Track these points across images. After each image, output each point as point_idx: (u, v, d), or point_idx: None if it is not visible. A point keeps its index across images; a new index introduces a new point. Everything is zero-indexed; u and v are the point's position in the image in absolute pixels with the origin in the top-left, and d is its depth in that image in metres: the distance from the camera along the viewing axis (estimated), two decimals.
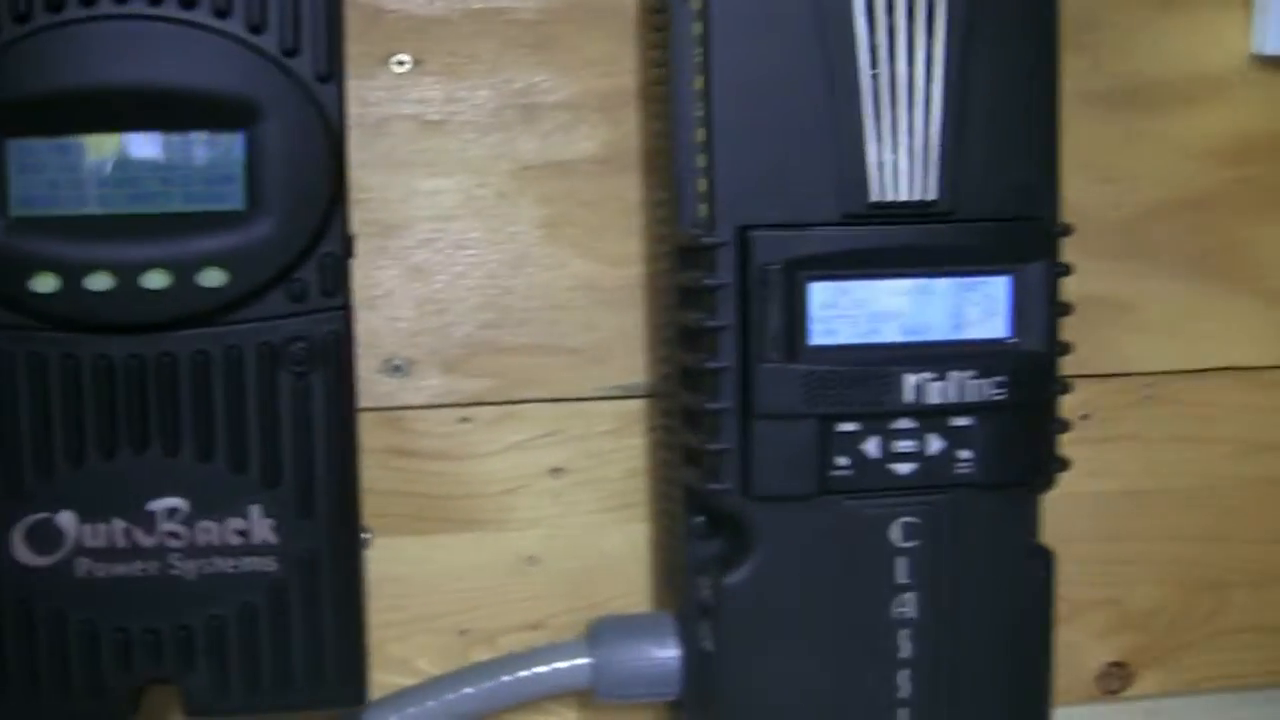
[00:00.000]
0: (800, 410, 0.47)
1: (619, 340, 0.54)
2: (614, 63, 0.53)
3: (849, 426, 0.48)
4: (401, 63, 0.53)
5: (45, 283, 0.45)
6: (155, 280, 0.45)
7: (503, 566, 0.55)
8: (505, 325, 0.53)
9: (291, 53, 0.45)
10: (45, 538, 0.46)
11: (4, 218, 0.45)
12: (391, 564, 0.52)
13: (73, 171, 0.45)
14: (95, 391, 0.46)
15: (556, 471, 0.55)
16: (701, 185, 0.48)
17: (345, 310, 0.46)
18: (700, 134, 0.48)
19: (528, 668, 0.52)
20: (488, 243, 0.53)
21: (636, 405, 0.54)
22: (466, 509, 0.54)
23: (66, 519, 0.46)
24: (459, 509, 0.54)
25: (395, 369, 0.53)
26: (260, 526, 0.47)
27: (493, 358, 0.53)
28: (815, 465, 0.48)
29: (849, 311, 0.48)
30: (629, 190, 0.53)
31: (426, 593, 0.55)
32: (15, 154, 0.45)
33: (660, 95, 0.50)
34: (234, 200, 0.46)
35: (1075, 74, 0.49)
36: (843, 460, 0.48)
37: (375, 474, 0.47)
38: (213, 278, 0.45)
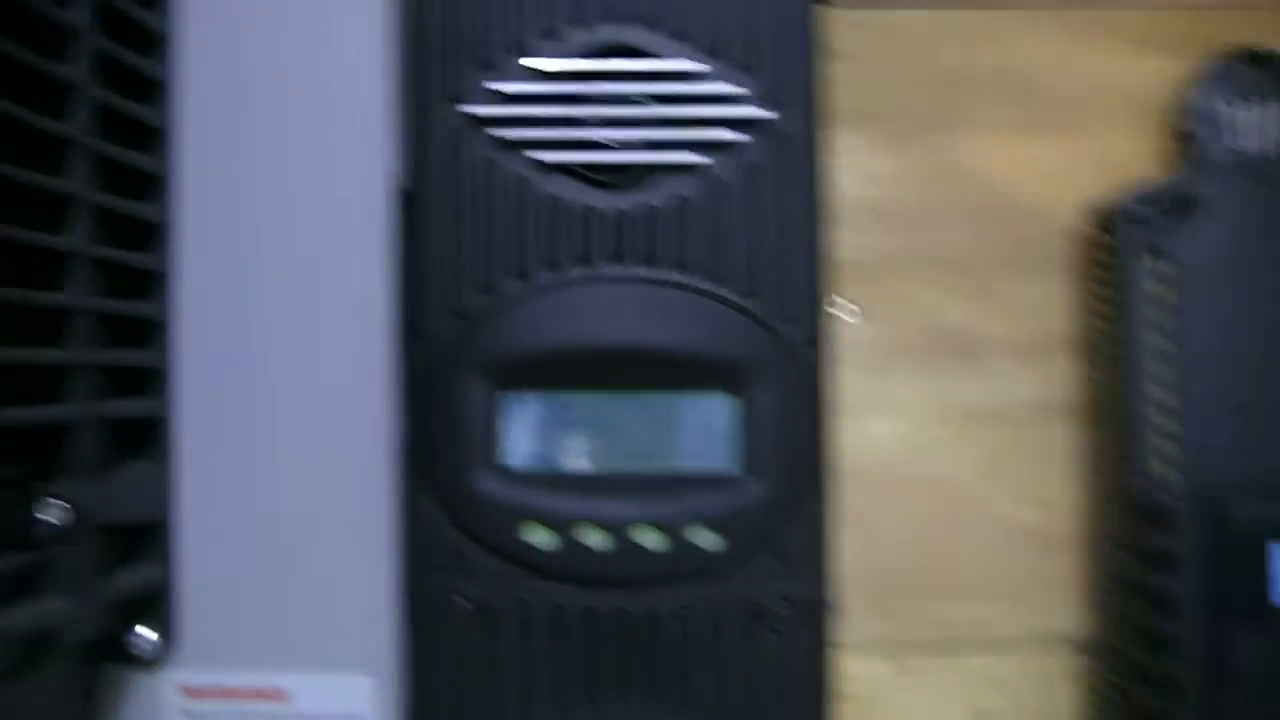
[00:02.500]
0: (1273, 673, 0.47)
1: (1056, 586, 0.54)
2: (1052, 310, 0.53)
3: None
4: (844, 308, 0.54)
5: (538, 536, 0.46)
6: (649, 539, 0.46)
7: None
8: (942, 571, 0.53)
9: (783, 317, 0.46)
10: None
11: (498, 470, 0.46)
12: None
13: (566, 428, 0.46)
14: (581, 645, 0.46)
15: (984, 717, 0.55)
16: (1165, 446, 0.48)
17: (828, 571, 0.47)
18: (1156, 391, 0.48)
19: None
20: (925, 488, 0.53)
21: (1071, 652, 0.54)
22: None
23: None
24: None
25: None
26: None
27: (929, 603, 0.53)
28: None
29: None
30: (1063, 437, 0.53)
31: None
32: (510, 408, 0.46)
33: (1103, 346, 0.51)
34: (726, 462, 0.46)
35: None
36: None
37: None
38: (705, 539, 0.46)
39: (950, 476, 0.54)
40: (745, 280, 0.46)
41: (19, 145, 0.38)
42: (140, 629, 0.47)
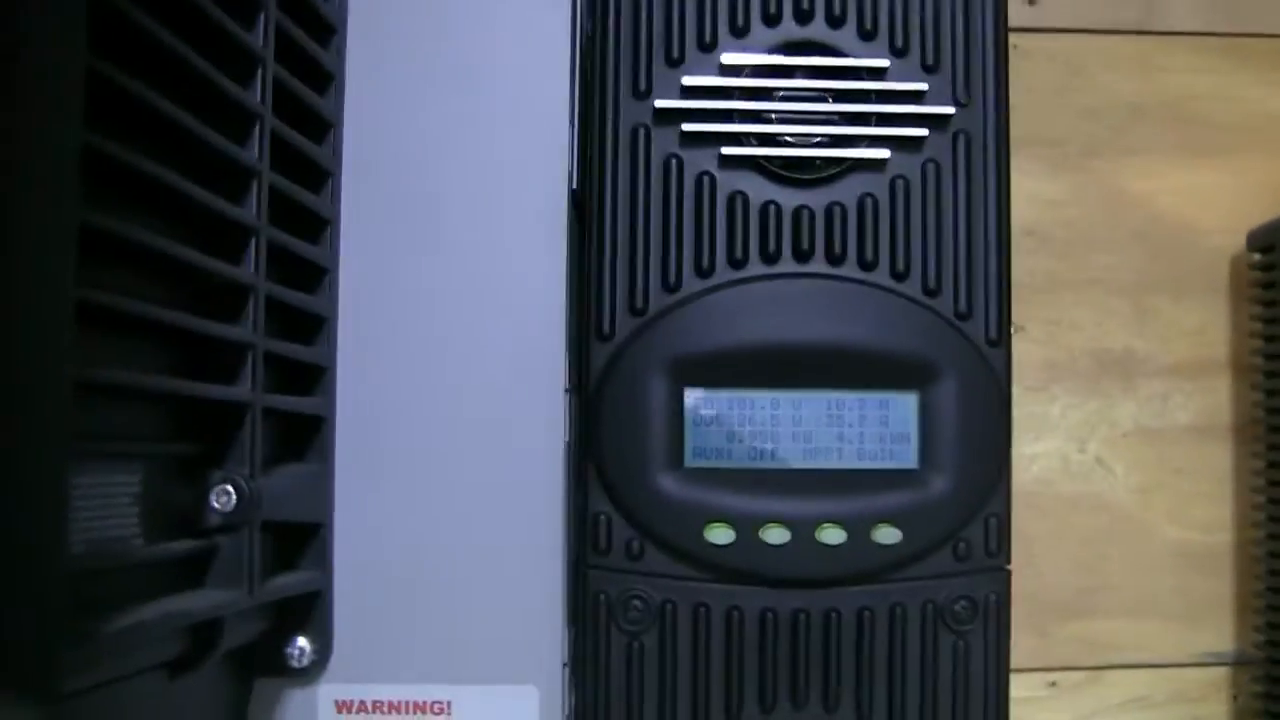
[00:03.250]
0: None
1: (1210, 607, 0.53)
2: (1207, 333, 0.54)
3: None
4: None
5: (720, 534, 0.45)
6: (831, 536, 0.45)
7: None
8: (1097, 590, 0.53)
9: (964, 316, 0.46)
10: None
11: (680, 468, 0.45)
12: None
13: (749, 425, 0.46)
14: (758, 646, 0.45)
15: None
16: None
17: (1006, 571, 0.46)
18: None
19: None
20: (1083, 507, 0.53)
21: (1223, 672, 0.54)
22: None
23: None
24: None
25: None
26: None
27: (1084, 622, 0.53)
28: None
29: None
30: (1221, 459, 0.53)
31: None
32: (693, 406, 0.45)
33: (1266, 367, 0.51)
34: (907, 459, 0.46)
35: None
36: None
37: None
38: (887, 535, 0.45)
39: (1107, 496, 0.54)
40: (927, 278, 0.46)
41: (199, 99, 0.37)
42: (296, 638, 0.45)
